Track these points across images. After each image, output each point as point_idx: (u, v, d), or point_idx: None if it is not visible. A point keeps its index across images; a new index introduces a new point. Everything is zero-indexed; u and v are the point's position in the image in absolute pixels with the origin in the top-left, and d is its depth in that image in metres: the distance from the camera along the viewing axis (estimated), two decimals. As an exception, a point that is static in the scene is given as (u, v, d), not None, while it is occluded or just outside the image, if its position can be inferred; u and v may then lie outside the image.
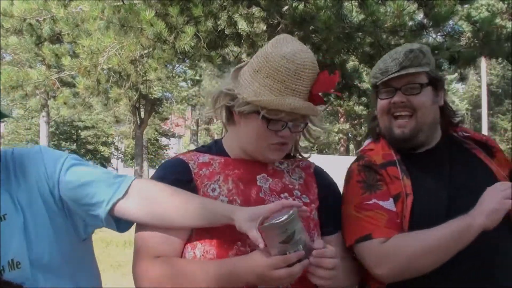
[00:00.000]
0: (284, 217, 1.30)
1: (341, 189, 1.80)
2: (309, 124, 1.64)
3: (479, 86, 33.57)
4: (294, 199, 1.60)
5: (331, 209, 1.69)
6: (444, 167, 1.75)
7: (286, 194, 1.61)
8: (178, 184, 1.55)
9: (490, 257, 1.62)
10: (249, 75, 1.55)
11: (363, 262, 1.63)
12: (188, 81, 28.19)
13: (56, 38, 7.18)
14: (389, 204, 1.67)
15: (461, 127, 1.90)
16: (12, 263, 1.43)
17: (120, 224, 1.59)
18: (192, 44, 5.31)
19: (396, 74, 1.70)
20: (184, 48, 5.29)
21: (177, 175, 1.59)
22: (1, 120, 1.60)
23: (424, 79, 1.73)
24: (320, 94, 1.55)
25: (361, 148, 1.90)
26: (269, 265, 1.34)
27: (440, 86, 1.80)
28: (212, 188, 1.57)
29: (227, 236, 1.49)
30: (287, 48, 1.50)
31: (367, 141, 1.90)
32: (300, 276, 1.39)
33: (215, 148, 1.70)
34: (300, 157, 1.75)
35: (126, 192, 1.52)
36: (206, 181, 1.58)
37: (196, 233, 1.55)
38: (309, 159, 1.77)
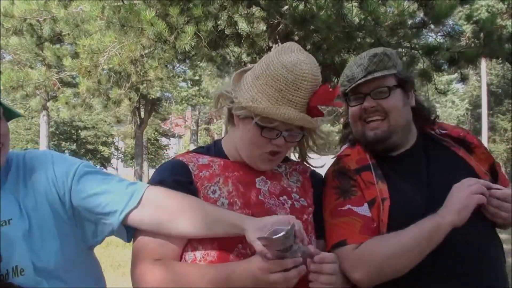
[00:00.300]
0: (282, 234, 1.31)
1: None
2: (314, 134, 1.63)
3: (479, 86, 33.55)
4: (292, 202, 1.61)
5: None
6: (422, 168, 1.74)
7: (285, 197, 1.61)
8: (178, 186, 1.55)
9: (476, 256, 1.63)
10: (250, 79, 1.55)
11: (341, 268, 1.56)
12: (188, 81, 28.18)
13: (56, 39, 7.19)
14: (363, 209, 1.67)
15: (438, 123, 1.89)
16: (16, 269, 1.43)
17: (129, 233, 1.59)
18: (193, 44, 5.31)
19: (362, 80, 1.70)
20: (184, 48, 5.29)
21: (177, 176, 1.58)
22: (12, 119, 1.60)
23: (392, 82, 1.73)
24: (319, 107, 1.53)
25: (338, 153, 1.87)
26: (265, 269, 1.35)
27: (409, 86, 1.79)
28: (212, 190, 1.57)
29: (228, 239, 1.49)
30: (289, 57, 1.49)
31: (343, 147, 1.88)
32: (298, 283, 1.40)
33: (214, 149, 1.70)
34: (307, 164, 1.75)
35: (140, 202, 1.51)
36: (206, 183, 1.58)
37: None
38: (313, 164, 1.76)
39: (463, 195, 1.54)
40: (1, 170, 1.51)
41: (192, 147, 33.19)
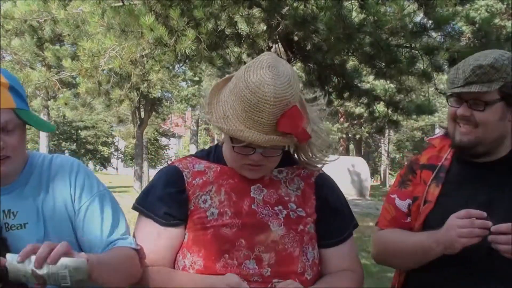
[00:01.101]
0: None
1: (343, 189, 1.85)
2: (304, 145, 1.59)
3: (479, 86, 33.41)
4: (288, 212, 1.57)
5: (331, 221, 1.64)
6: (492, 186, 1.69)
7: (280, 207, 1.58)
8: (169, 198, 1.58)
9: (489, 271, 1.61)
10: (227, 92, 1.52)
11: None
12: (188, 81, 28.18)
13: (57, 39, 7.20)
14: (402, 204, 1.82)
15: None
16: None
17: None
18: (193, 47, 5.31)
19: (459, 90, 1.66)
20: (185, 51, 5.28)
21: (169, 188, 1.60)
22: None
23: (493, 96, 1.64)
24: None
25: (429, 138, 1.94)
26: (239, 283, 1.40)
27: None
28: (203, 199, 1.57)
29: (215, 248, 1.50)
30: (255, 76, 1.42)
31: (440, 133, 1.92)
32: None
33: (214, 154, 1.68)
34: (311, 168, 1.69)
35: None
36: (198, 192, 1.58)
37: (187, 243, 1.57)
38: (326, 163, 1.71)
39: (451, 237, 1.53)
40: (22, 173, 1.53)
41: (192, 147, 33.16)
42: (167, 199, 1.58)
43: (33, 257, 1.22)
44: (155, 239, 1.58)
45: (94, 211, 1.56)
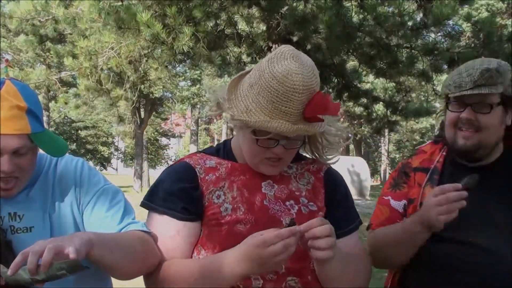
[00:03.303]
0: None
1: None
2: (319, 137, 1.60)
3: (479, 86, 33.48)
4: (299, 207, 1.57)
5: (339, 213, 1.64)
6: (486, 187, 1.70)
7: (291, 202, 1.58)
8: (181, 191, 1.54)
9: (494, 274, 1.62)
10: (246, 87, 1.51)
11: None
12: (188, 81, 28.21)
13: (58, 38, 7.22)
14: (398, 204, 1.83)
15: None
16: None
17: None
18: (191, 44, 5.31)
19: (469, 92, 1.69)
20: (182, 49, 5.28)
21: (182, 183, 1.56)
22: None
23: (496, 99, 1.71)
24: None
25: (419, 147, 1.98)
26: (263, 242, 1.31)
27: (511, 104, 1.76)
28: (217, 194, 1.55)
29: (230, 245, 1.46)
30: (280, 67, 1.43)
31: (428, 142, 1.98)
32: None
33: (224, 150, 1.67)
34: (324, 161, 1.69)
35: None
36: (212, 187, 1.56)
37: (201, 239, 1.55)
38: (333, 162, 1.71)
39: (430, 216, 1.57)
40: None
41: (192, 147, 33.19)
42: (182, 194, 1.54)
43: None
44: (173, 235, 1.53)
45: (103, 204, 1.55)
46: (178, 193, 1.54)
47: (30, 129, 1.39)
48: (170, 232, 1.54)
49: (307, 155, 1.72)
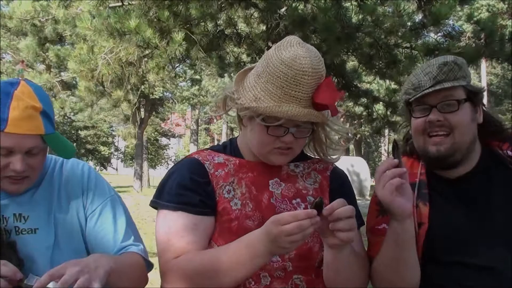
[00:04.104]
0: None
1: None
2: (326, 128, 1.60)
3: (479, 86, 33.52)
4: (306, 206, 1.58)
5: None
6: (480, 195, 1.62)
7: (298, 200, 1.59)
8: (195, 184, 1.53)
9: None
10: (253, 78, 1.53)
11: None
12: (188, 81, 28.20)
13: (58, 39, 7.22)
14: None
15: (509, 144, 1.68)
16: None
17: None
18: (182, 50, 5.29)
19: (430, 90, 1.55)
20: (175, 53, 5.27)
21: (194, 174, 1.56)
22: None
23: (461, 95, 1.58)
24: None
25: None
26: (278, 220, 1.31)
27: (479, 100, 1.64)
28: (227, 189, 1.56)
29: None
30: (288, 52, 1.46)
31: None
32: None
33: (230, 148, 1.68)
34: (327, 159, 1.69)
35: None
36: (222, 182, 1.57)
37: (214, 235, 1.54)
38: (337, 160, 1.70)
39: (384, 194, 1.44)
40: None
41: (192, 147, 33.21)
42: (196, 189, 1.53)
43: (51, 283, 1.23)
44: (192, 230, 1.51)
45: (107, 216, 1.55)
46: (193, 187, 1.54)
47: (43, 130, 1.41)
48: (189, 227, 1.51)
49: (311, 155, 1.73)
